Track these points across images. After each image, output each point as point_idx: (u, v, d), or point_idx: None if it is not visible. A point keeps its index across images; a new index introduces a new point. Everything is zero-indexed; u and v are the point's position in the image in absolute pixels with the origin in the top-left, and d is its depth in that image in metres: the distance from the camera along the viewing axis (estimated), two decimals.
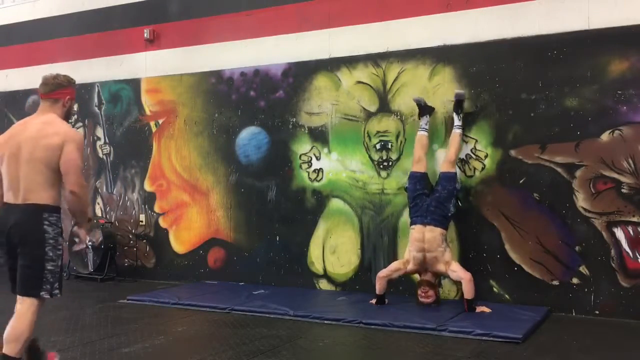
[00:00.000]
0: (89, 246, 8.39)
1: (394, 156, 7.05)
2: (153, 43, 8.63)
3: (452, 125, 6.59)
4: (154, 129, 8.63)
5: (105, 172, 9.00)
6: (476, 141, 6.62)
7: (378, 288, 6.37)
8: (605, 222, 6.01)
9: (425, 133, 6.68)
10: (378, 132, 7.12)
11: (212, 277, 8.09)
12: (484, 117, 6.59)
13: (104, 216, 8.95)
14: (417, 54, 6.91)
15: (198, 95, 8.29)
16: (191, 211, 8.33)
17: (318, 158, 7.48)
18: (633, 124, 5.93)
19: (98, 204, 9.06)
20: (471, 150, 6.64)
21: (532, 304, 6.17)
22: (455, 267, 6.17)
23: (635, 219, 5.90)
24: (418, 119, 6.77)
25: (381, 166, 7.11)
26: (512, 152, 6.44)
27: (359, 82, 7.23)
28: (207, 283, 7.92)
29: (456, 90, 6.60)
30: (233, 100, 8.05)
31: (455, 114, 6.55)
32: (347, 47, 7.31)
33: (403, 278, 6.71)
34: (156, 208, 8.60)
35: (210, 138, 8.20)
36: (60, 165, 3.95)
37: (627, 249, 5.94)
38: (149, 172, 8.67)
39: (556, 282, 6.22)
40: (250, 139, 7.94)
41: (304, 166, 7.56)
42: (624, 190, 5.95)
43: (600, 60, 6.08)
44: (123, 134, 8.88)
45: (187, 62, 8.37)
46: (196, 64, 8.31)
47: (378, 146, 7.12)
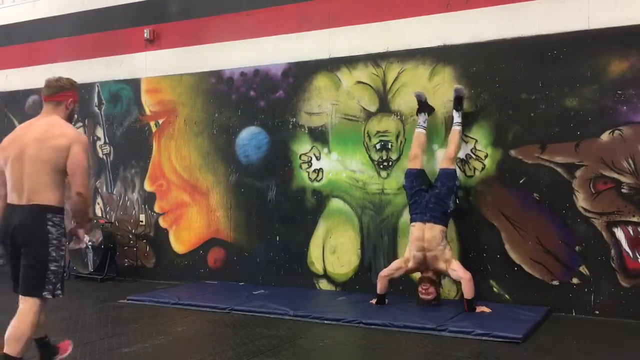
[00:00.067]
0: (89, 246, 8.39)
1: (394, 156, 7.05)
2: (153, 43, 8.63)
3: (452, 123, 6.59)
4: (154, 129, 8.63)
5: (105, 172, 9.00)
6: (476, 141, 6.62)
7: (379, 287, 6.37)
8: (605, 222, 6.02)
9: (423, 131, 6.68)
10: (378, 132, 7.12)
11: (212, 277, 8.09)
12: (484, 117, 6.59)
13: (104, 216, 8.95)
14: (417, 54, 6.91)
15: (198, 95, 8.29)
16: (191, 211, 8.33)
17: (318, 158, 7.48)
18: (633, 124, 5.93)
19: (98, 204, 9.06)
20: (471, 150, 6.64)
21: (532, 304, 6.16)
22: (455, 266, 6.17)
23: (635, 219, 5.90)
24: (416, 115, 6.76)
25: (381, 166, 7.11)
26: (512, 152, 6.44)
27: (359, 82, 7.23)
28: (207, 283, 7.92)
29: (455, 85, 6.60)
30: (233, 100, 8.05)
31: (454, 111, 6.54)
32: (347, 47, 7.31)
33: (403, 278, 6.72)
34: (156, 208, 8.61)
35: (210, 138, 8.20)
36: (67, 166, 3.99)
37: (627, 249, 5.94)
38: (149, 172, 8.67)
39: (556, 282, 6.22)
40: (250, 139, 7.95)
41: (304, 166, 7.56)
42: (624, 190, 5.95)
43: (600, 60, 6.08)
44: (123, 134, 8.88)
45: (187, 62, 8.37)
46: (196, 64, 8.31)
47: (378, 146, 7.12)
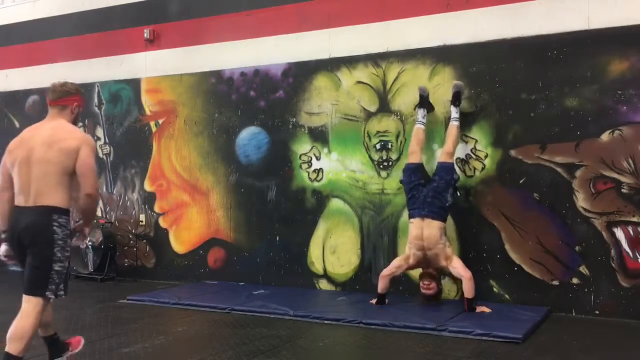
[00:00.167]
0: (89, 246, 8.39)
1: (394, 156, 7.04)
2: (153, 43, 8.63)
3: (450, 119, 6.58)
4: (154, 129, 8.63)
5: (105, 172, 8.99)
6: (476, 141, 6.61)
7: (380, 287, 6.35)
8: (605, 222, 6.01)
9: (422, 126, 6.67)
10: (378, 132, 7.12)
11: (212, 277, 8.09)
12: (484, 117, 6.59)
13: (104, 216, 8.95)
14: (417, 54, 6.91)
15: (198, 95, 8.29)
16: (191, 211, 8.33)
17: (318, 158, 7.47)
18: (633, 124, 5.93)
19: (98, 204, 9.07)
20: (471, 150, 6.64)
21: (532, 304, 6.16)
22: (456, 264, 6.17)
23: (635, 219, 5.90)
24: (414, 110, 6.75)
25: (381, 166, 7.11)
26: (512, 152, 6.44)
27: (359, 82, 7.23)
28: (207, 283, 7.92)
29: (455, 81, 6.60)
30: (233, 100, 8.04)
31: (452, 106, 6.53)
32: (347, 47, 7.31)
33: (403, 278, 6.72)
34: (156, 208, 8.60)
35: (210, 138, 8.20)
36: (76, 168, 4.05)
37: (627, 249, 5.94)
38: (149, 172, 8.67)
39: (556, 282, 6.22)
40: (250, 139, 7.94)
41: (304, 166, 7.56)
42: (624, 190, 5.95)
43: (600, 60, 6.08)
44: (123, 134, 8.88)
45: (187, 62, 8.37)
46: (196, 64, 8.31)
47: (378, 146, 7.12)
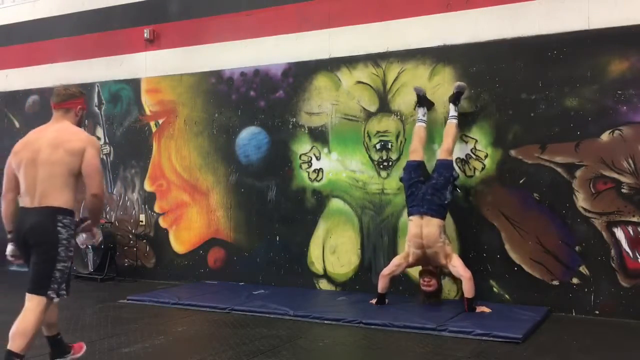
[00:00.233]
0: (89, 246, 8.37)
1: (394, 156, 7.04)
2: (153, 43, 8.63)
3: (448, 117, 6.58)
4: (154, 129, 8.63)
5: (105, 172, 8.99)
6: (476, 141, 6.61)
7: (381, 286, 6.35)
8: (605, 222, 6.01)
9: (423, 125, 6.68)
10: (378, 132, 7.12)
11: (212, 277, 8.08)
12: (484, 117, 6.59)
13: (104, 216, 8.95)
14: (417, 54, 6.91)
15: (198, 95, 8.29)
16: (191, 211, 8.33)
17: (318, 158, 7.47)
18: (633, 124, 5.93)
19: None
20: (471, 150, 6.64)
21: (532, 304, 6.16)
22: (456, 263, 6.16)
23: (635, 219, 5.90)
24: (414, 109, 6.76)
25: (381, 166, 7.11)
26: (512, 152, 6.44)
27: (359, 82, 7.23)
28: (207, 283, 7.92)
29: (457, 82, 6.60)
30: (233, 100, 8.04)
31: (452, 105, 6.54)
32: (347, 47, 7.31)
33: (403, 277, 6.72)
34: (156, 208, 8.60)
35: (210, 138, 8.20)
36: (82, 169, 4.11)
37: (627, 249, 5.94)
38: (149, 172, 8.67)
39: (556, 282, 6.22)
40: (250, 139, 7.94)
41: (304, 166, 7.56)
42: (624, 190, 5.95)
43: (600, 60, 6.08)
44: (123, 134, 8.88)
45: (187, 62, 8.37)
46: (196, 64, 8.31)
47: (378, 146, 7.12)
